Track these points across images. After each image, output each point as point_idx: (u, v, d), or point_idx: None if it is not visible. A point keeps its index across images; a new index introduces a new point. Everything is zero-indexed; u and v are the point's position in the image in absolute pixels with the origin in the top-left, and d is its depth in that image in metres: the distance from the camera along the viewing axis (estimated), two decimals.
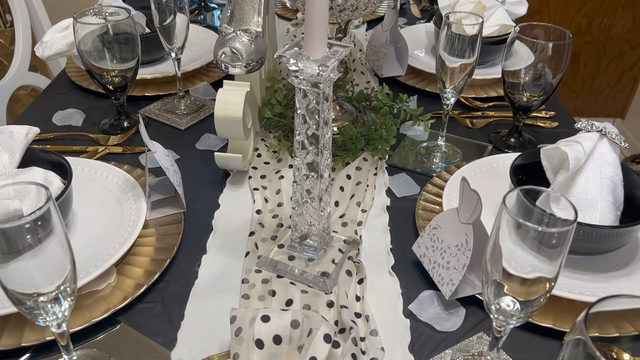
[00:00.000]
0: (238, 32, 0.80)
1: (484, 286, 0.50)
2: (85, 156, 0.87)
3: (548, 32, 0.87)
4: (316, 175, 0.63)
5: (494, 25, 1.13)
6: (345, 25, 0.85)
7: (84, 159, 0.83)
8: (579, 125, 0.74)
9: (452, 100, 0.85)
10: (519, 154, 0.76)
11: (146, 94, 1.04)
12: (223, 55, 0.80)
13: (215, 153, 0.81)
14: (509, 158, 0.85)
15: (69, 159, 0.81)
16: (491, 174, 0.83)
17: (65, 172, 0.70)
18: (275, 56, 0.55)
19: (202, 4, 1.46)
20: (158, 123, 0.98)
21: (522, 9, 1.22)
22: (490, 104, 1.06)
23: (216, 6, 1.48)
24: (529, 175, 0.75)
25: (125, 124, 0.96)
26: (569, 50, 0.83)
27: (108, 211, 0.74)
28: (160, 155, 0.74)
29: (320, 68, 0.54)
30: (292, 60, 0.55)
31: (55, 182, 0.68)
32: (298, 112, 0.59)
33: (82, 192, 0.75)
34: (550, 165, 0.73)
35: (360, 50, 1.26)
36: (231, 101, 0.79)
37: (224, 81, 0.82)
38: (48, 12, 1.45)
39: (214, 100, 1.00)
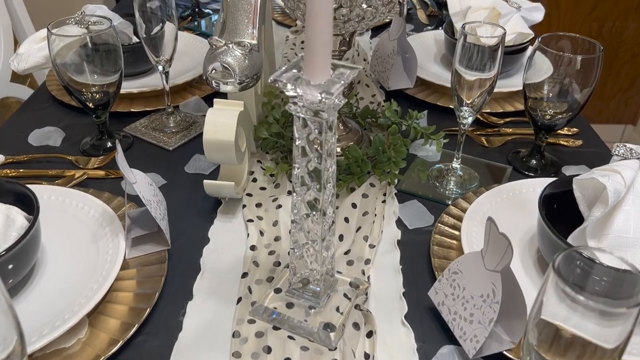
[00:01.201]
0: (230, 45, 0.72)
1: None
2: (61, 182, 0.79)
3: (575, 44, 0.78)
4: (318, 214, 0.54)
5: (511, 34, 1.04)
6: (350, 37, 0.77)
7: (58, 187, 0.74)
8: (616, 151, 0.65)
9: (470, 120, 0.76)
10: (547, 183, 0.67)
11: (132, 110, 0.96)
12: (213, 71, 0.72)
13: (205, 181, 0.72)
14: (532, 184, 0.76)
15: (41, 187, 0.73)
16: (513, 202, 0.74)
17: (31, 206, 0.62)
18: (270, 80, 0.47)
19: (196, 9, 1.37)
20: (144, 142, 0.90)
21: (538, 15, 1.14)
22: (507, 119, 0.97)
23: (211, 12, 1.40)
24: (558, 206, 0.66)
25: (108, 144, 0.87)
26: (600, 65, 0.75)
27: (82, 249, 0.65)
28: (141, 185, 0.65)
29: (323, 95, 0.45)
30: (289, 86, 0.46)
31: (18, 220, 0.59)
32: (297, 143, 0.51)
33: (54, 226, 0.67)
34: (583, 197, 0.64)
35: (365, 60, 1.18)
36: (222, 123, 0.70)
37: (215, 100, 0.73)
38: (33, 18, 1.36)
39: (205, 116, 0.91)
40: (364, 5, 0.68)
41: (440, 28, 1.29)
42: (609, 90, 2.37)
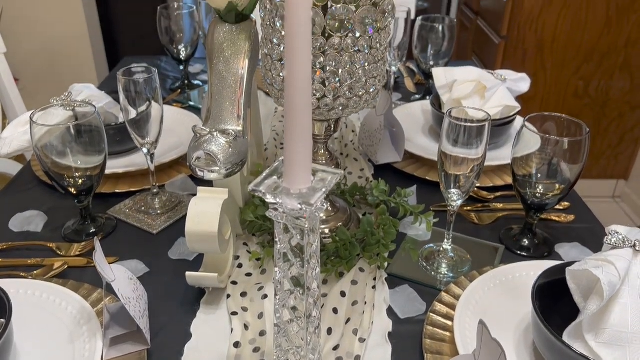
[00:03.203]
0: (215, 134, 0.71)
1: None
2: (39, 272, 0.76)
3: (561, 125, 0.78)
4: (302, 290, 0.51)
5: (497, 107, 1.04)
6: (336, 122, 0.76)
7: (35, 281, 0.72)
8: (608, 240, 0.63)
9: (459, 202, 0.75)
10: (540, 271, 0.65)
11: (117, 191, 0.94)
12: (197, 160, 0.71)
13: (187, 273, 0.70)
14: (526, 268, 0.74)
15: (17, 282, 0.70)
16: (507, 288, 0.72)
17: (4, 308, 0.59)
18: (249, 189, 0.45)
19: (186, 82, 1.38)
20: (128, 226, 0.88)
21: (524, 86, 1.15)
22: (498, 194, 0.96)
23: (201, 83, 1.41)
24: (553, 294, 0.64)
25: (91, 229, 0.85)
26: (587, 145, 0.74)
27: (57, 351, 0.62)
28: (120, 283, 0.63)
29: (303, 206, 0.44)
30: (268, 196, 0.45)
31: None
32: (278, 247, 0.49)
33: (28, 325, 0.64)
34: (578, 288, 0.62)
35: (353, 132, 1.18)
36: (205, 213, 0.68)
37: (199, 188, 0.72)
38: (23, 95, 1.37)
39: (193, 195, 0.90)
40: (348, 94, 0.68)
41: (428, 98, 1.30)
42: (598, 147, 2.39)
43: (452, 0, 2.77)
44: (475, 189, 0.97)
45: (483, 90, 1.06)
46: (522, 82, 1.15)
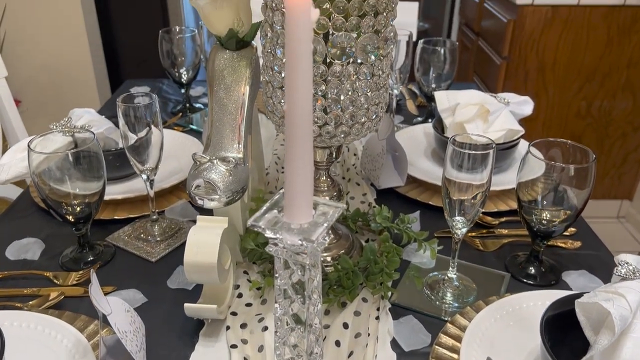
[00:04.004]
0: (214, 161, 0.70)
1: None
2: (35, 303, 0.74)
3: (566, 151, 0.77)
4: (303, 327, 0.50)
5: (500, 130, 1.03)
6: (338, 149, 0.75)
7: (30, 312, 0.70)
8: (618, 272, 0.61)
9: (464, 230, 0.73)
10: (549, 304, 0.63)
11: (116, 217, 0.93)
12: (197, 188, 0.69)
13: (185, 305, 0.68)
14: (533, 298, 0.73)
15: (11, 313, 0.69)
16: (515, 318, 0.70)
17: None
18: (248, 224, 0.44)
19: (187, 105, 1.38)
20: (126, 254, 0.86)
21: (528, 109, 1.14)
22: (502, 219, 0.94)
23: (202, 106, 1.41)
24: (562, 327, 0.62)
25: (89, 257, 0.84)
26: (594, 172, 0.73)
27: None
28: (116, 316, 0.61)
29: (304, 242, 0.42)
30: (268, 232, 0.43)
31: None
32: (278, 283, 0.48)
33: (22, 359, 0.62)
34: (588, 321, 0.60)
35: (355, 155, 1.17)
36: (204, 243, 0.67)
37: (198, 217, 0.71)
38: (25, 117, 1.37)
39: (193, 222, 0.89)
40: (350, 122, 0.67)
41: (430, 120, 1.29)
42: (602, 167, 2.38)
43: (453, 21, 2.78)
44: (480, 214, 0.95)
45: (486, 114, 1.05)
46: (525, 105, 1.14)
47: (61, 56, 2.35)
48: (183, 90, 1.37)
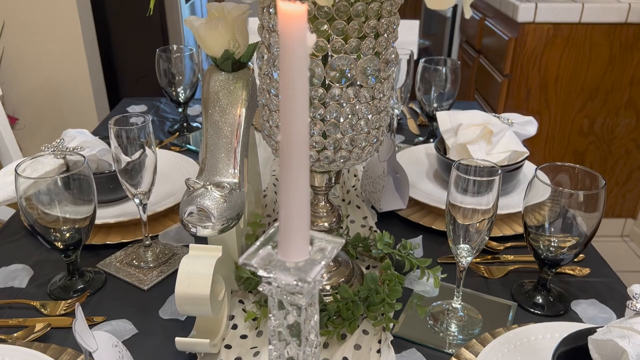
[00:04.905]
0: (209, 187, 0.67)
1: None
2: (20, 335, 0.71)
3: (574, 176, 0.74)
4: None
5: (504, 152, 1.01)
6: (337, 174, 0.72)
7: (14, 346, 0.67)
8: (631, 306, 0.58)
9: (469, 259, 0.70)
10: (560, 339, 0.60)
11: (108, 242, 0.90)
12: (189, 215, 0.67)
13: (177, 339, 0.65)
14: (542, 330, 0.69)
15: None
16: (524, 352, 0.67)
17: None
18: (239, 263, 0.41)
19: (185, 124, 1.36)
20: (118, 281, 0.83)
21: (532, 129, 1.12)
22: (508, 244, 0.91)
23: (200, 125, 1.38)
24: None
25: (79, 284, 0.81)
26: (604, 198, 0.70)
27: None
28: (103, 353, 0.58)
29: (299, 283, 0.39)
30: (260, 271, 0.40)
31: None
32: (272, 324, 0.44)
33: None
34: (602, 359, 0.57)
35: (355, 176, 1.14)
36: (197, 274, 0.64)
37: (190, 246, 0.68)
38: (22, 133, 1.34)
39: (187, 247, 0.86)
40: (350, 147, 0.64)
41: (432, 140, 1.27)
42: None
43: (454, 38, 2.77)
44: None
45: (489, 135, 1.03)
46: (529, 126, 1.12)
47: (59, 73, 2.34)
48: (180, 110, 1.35)
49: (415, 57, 1.28)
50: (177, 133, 1.33)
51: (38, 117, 2.37)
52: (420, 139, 1.31)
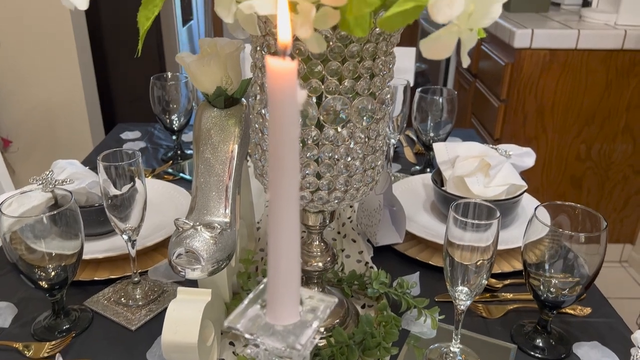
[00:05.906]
0: (198, 228, 0.65)
1: None
2: None
3: (574, 217, 0.72)
4: None
5: (502, 185, 0.99)
6: (332, 213, 0.70)
7: None
8: (636, 354, 0.56)
9: (467, 303, 0.68)
10: None
11: (96, 278, 0.87)
12: (178, 257, 0.64)
13: None
14: None
15: None
16: None
17: None
18: (225, 326, 0.39)
19: (179, 152, 1.34)
20: (105, 320, 0.80)
21: (529, 161, 1.10)
22: (507, 282, 0.89)
23: None
24: None
25: (65, 325, 0.78)
26: (606, 239, 0.68)
27: None
28: None
29: (288, 350, 0.37)
30: (247, 335, 0.38)
31: None
32: None
33: None
34: None
35: (351, 208, 1.12)
36: (184, 321, 0.61)
37: (178, 289, 0.65)
38: (16, 157, 1.32)
39: (177, 283, 0.84)
40: (344, 188, 0.63)
41: (429, 170, 1.25)
42: (603, 211, 2.33)
43: (450, 62, 2.78)
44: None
45: (487, 168, 1.01)
46: (527, 157, 1.10)
47: (54, 96, 2.32)
48: (174, 137, 1.33)
49: (412, 83, 1.27)
50: (171, 161, 1.31)
51: (32, 140, 2.35)
52: (417, 167, 1.30)
